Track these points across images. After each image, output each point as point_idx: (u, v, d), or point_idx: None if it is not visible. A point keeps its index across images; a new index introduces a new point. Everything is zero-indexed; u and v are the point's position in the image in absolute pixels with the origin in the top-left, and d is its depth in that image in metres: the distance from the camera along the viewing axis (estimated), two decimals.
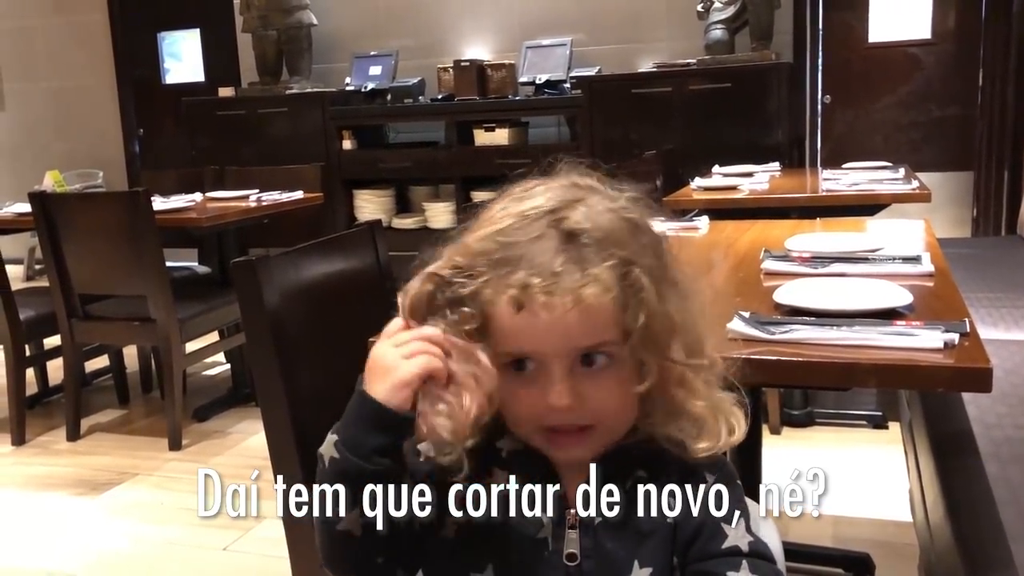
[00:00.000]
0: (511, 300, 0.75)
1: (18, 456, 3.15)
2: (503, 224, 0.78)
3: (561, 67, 5.04)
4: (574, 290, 0.74)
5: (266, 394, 1.26)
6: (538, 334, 0.76)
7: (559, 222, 0.78)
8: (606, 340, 0.77)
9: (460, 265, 0.78)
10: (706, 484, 0.81)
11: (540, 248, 0.76)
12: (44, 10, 6.63)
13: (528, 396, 0.78)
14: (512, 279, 0.76)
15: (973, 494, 1.38)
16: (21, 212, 3.48)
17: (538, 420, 0.79)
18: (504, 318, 0.76)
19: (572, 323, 0.75)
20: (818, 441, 2.88)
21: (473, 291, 0.77)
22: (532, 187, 0.82)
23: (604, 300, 0.75)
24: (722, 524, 0.79)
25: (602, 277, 0.75)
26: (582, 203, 0.79)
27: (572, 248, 0.76)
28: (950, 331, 1.11)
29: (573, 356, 0.77)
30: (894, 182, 2.86)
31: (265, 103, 5.46)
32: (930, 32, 5.29)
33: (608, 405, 0.79)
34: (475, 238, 0.79)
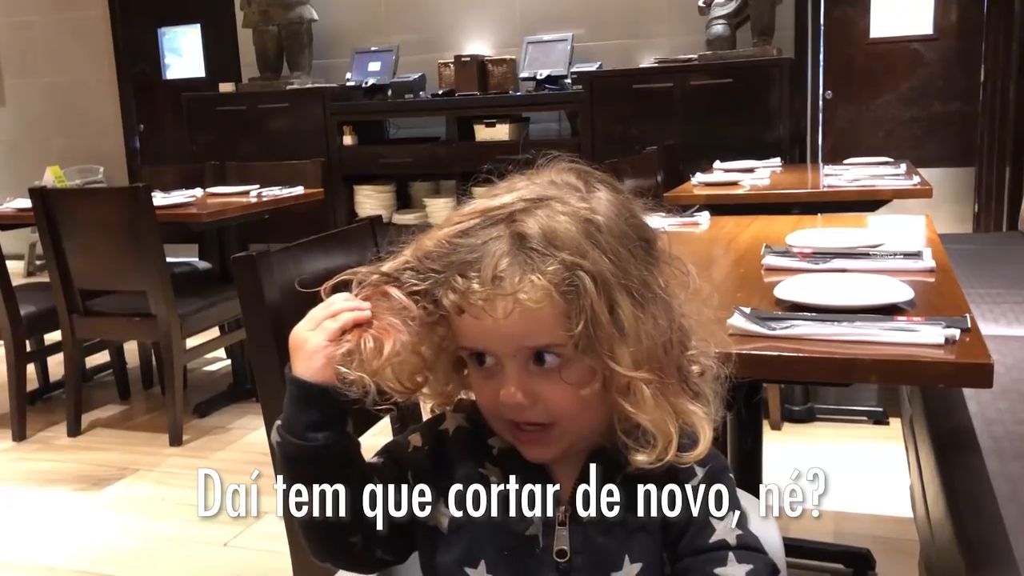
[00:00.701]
0: (452, 305, 0.76)
1: (19, 452, 3.16)
2: (465, 224, 0.78)
3: (562, 62, 5.04)
4: (510, 295, 0.74)
5: (267, 389, 1.26)
6: (484, 335, 0.77)
7: (513, 223, 0.77)
8: (553, 342, 0.77)
9: (411, 265, 0.79)
10: (696, 478, 0.81)
11: (489, 250, 0.76)
12: (44, 5, 6.62)
13: (489, 389, 0.79)
14: (455, 283, 0.76)
15: (974, 490, 1.38)
16: (21, 208, 3.48)
17: (500, 413, 0.80)
18: (454, 317, 0.78)
19: (514, 325, 0.75)
20: (819, 437, 2.88)
21: (423, 290, 0.78)
22: (511, 183, 0.83)
23: (542, 304, 0.75)
24: (710, 518, 0.79)
25: (539, 283, 0.74)
26: (547, 204, 0.78)
27: (520, 251, 0.76)
28: (951, 327, 1.10)
29: (523, 355, 0.77)
30: (895, 178, 2.85)
31: (266, 98, 5.46)
32: (932, 27, 5.28)
33: (562, 404, 0.78)
34: (433, 238, 0.79)
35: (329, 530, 0.81)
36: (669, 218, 2.17)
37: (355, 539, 0.82)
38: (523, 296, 0.74)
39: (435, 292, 0.77)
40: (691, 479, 0.81)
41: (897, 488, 2.40)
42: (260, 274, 1.25)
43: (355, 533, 0.82)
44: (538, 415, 0.78)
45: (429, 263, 0.78)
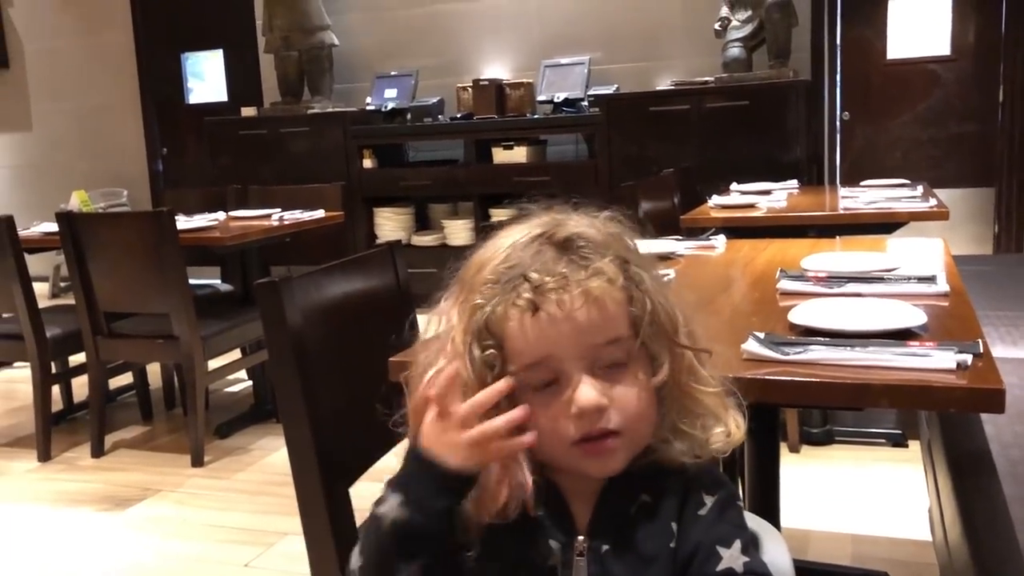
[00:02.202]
0: (527, 304, 0.78)
1: (44, 472, 3.20)
2: (497, 259, 0.82)
3: (579, 85, 5.08)
4: (582, 282, 0.78)
5: (288, 411, 1.29)
6: (554, 336, 0.78)
7: (551, 236, 0.82)
8: (619, 335, 0.80)
9: (473, 303, 0.82)
10: (704, 507, 0.82)
11: (540, 260, 0.81)
12: (71, 31, 6.74)
13: (554, 412, 0.80)
14: (522, 287, 0.79)
15: (990, 514, 1.38)
16: (48, 232, 3.54)
17: (567, 434, 0.80)
18: (519, 329, 0.79)
19: (585, 319, 0.78)
20: (837, 459, 2.87)
21: (488, 318, 0.80)
22: (509, 227, 0.86)
23: (611, 292, 0.79)
24: (717, 547, 0.80)
25: (605, 269, 0.80)
26: (566, 222, 0.84)
27: (570, 253, 0.81)
28: (963, 352, 1.11)
29: (591, 356, 0.79)
30: (912, 200, 2.86)
31: (287, 123, 5.53)
32: (949, 48, 5.29)
33: (631, 405, 0.80)
34: (474, 281, 0.83)
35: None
36: (685, 241, 2.20)
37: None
38: (593, 284, 0.78)
39: (495, 316, 0.79)
40: (700, 508, 0.82)
41: (916, 511, 2.40)
42: (282, 299, 1.28)
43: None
44: (609, 419, 0.79)
45: (487, 290, 0.81)
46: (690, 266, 1.96)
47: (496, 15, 5.54)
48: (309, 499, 1.28)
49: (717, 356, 1.21)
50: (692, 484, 0.83)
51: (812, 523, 2.44)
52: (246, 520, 2.68)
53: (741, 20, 4.68)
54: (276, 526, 2.57)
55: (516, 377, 0.80)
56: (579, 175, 4.90)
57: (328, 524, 1.27)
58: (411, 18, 5.72)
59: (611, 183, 4.55)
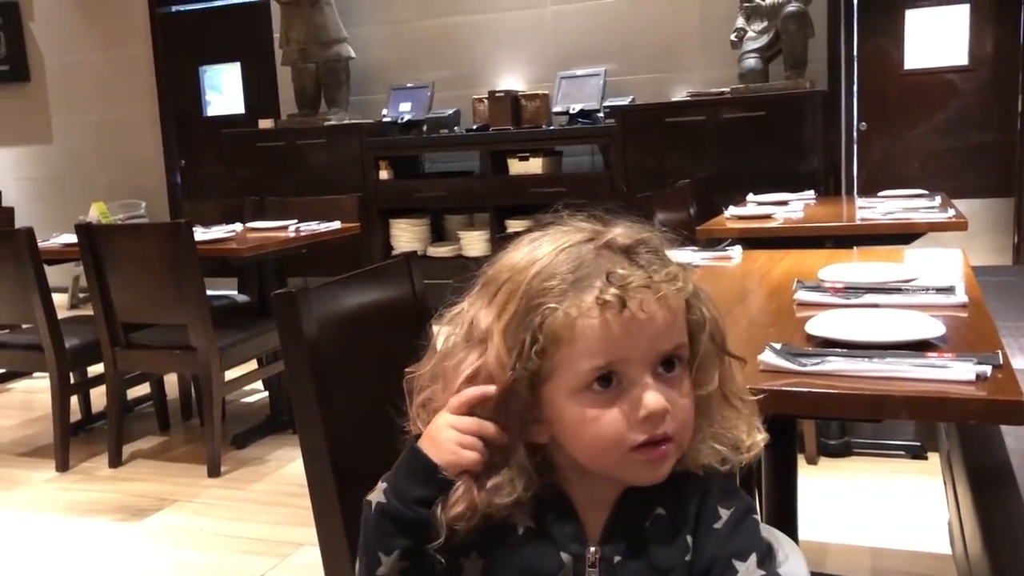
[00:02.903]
0: (615, 299, 0.76)
1: (62, 482, 3.22)
2: (544, 262, 0.79)
3: (595, 97, 5.08)
4: (661, 285, 0.78)
5: (304, 423, 1.29)
6: (629, 337, 0.77)
7: (608, 244, 0.80)
8: (682, 343, 0.80)
9: (534, 305, 0.79)
10: (720, 520, 0.81)
11: (607, 262, 0.79)
12: (91, 46, 6.82)
13: (614, 417, 0.79)
14: (602, 284, 0.77)
15: (1011, 526, 1.36)
16: (67, 243, 3.57)
17: (626, 438, 0.79)
18: (600, 328, 0.77)
19: (660, 323, 0.78)
20: (856, 471, 2.85)
21: (554, 321, 0.78)
22: (540, 236, 0.84)
23: (682, 299, 0.80)
24: (733, 560, 0.79)
25: (679, 274, 0.80)
26: (611, 229, 0.83)
27: (636, 257, 0.80)
28: (983, 363, 1.11)
29: (655, 362, 0.79)
30: (930, 211, 2.84)
31: (304, 134, 5.56)
32: (967, 58, 5.26)
33: (684, 412, 0.80)
34: (520, 280, 0.80)
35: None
36: (701, 252, 2.19)
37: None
38: (671, 289, 0.78)
39: (556, 320, 0.77)
40: (716, 521, 0.81)
41: (935, 524, 2.37)
42: (299, 310, 1.29)
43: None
44: (670, 426, 0.79)
45: (546, 295, 0.78)
46: (706, 277, 1.95)
47: (512, 27, 5.56)
48: (324, 510, 1.28)
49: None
50: (708, 497, 0.82)
51: (830, 536, 2.42)
52: (262, 531, 2.69)
53: (757, 31, 4.67)
54: (292, 537, 2.57)
55: (578, 378, 0.78)
56: (595, 186, 4.90)
57: (344, 535, 1.27)
58: (427, 30, 5.75)
59: (627, 194, 4.55)
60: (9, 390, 4.49)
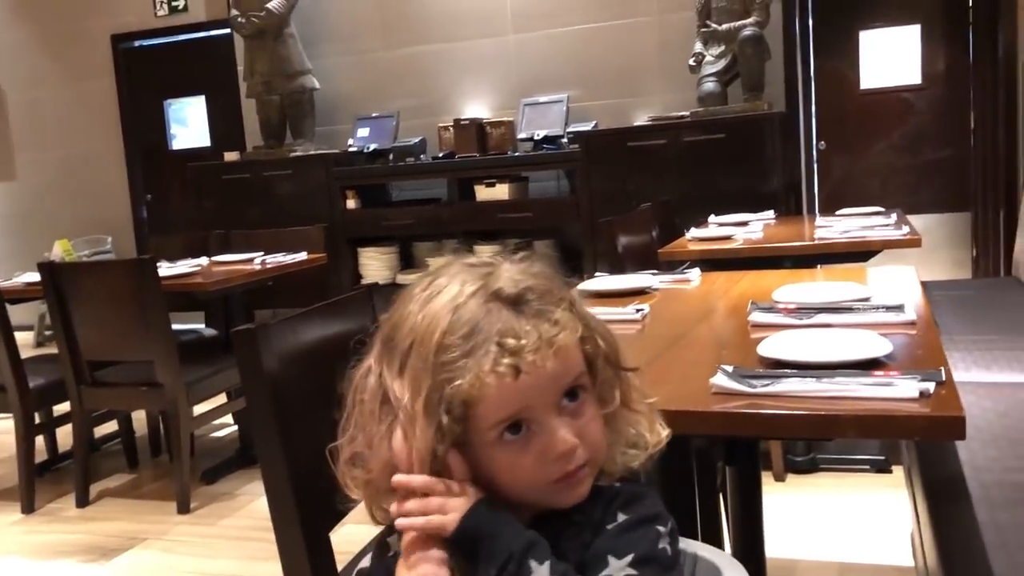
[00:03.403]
0: (508, 369, 0.79)
1: (28, 524, 3.18)
2: (444, 322, 0.81)
3: (558, 123, 5.14)
4: (553, 339, 0.80)
5: (266, 459, 1.30)
6: (529, 392, 0.80)
7: (496, 294, 0.82)
8: (579, 373, 0.84)
9: (439, 379, 0.81)
10: (615, 523, 0.84)
11: (496, 319, 0.81)
12: (54, 80, 6.79)
13: (531, 461, 0.82)
14: (495, 353, 0.79)
15: (964, 539, 1.40)
16: (30, 282, 3.55)
17: (545, 477, 0.82)
18: (497, 394, 0.79)
19: (556, 371, 0.81)
20: (822, 487, 2.88)
21: (460, 391, 0.80)
22: (429, 284, 0.86)
23: (573, 339, 0.83)
24: (608, 555, 0.81)
25: (565, 321, 0.82)
26: (496, 273, 0.85)
27: (525, 308, 0.82)
28: (926, 380, 1.13)
29: (557, 400, 0.82)
30: (885, 228, 2.90)
31: (270, 166, 5.57)
32: (920, 77, 5.39)
33: (594, 436, 0.84)
34: (427, 351, 0.81)
35: None
36: (660, 275, 2.22)
37: None
38: (560, 337, 0.81)
39: (462, 386, 0.79)
40: (612, 523, 0.84)
41: (900, 537, 2.41)
42: (259, 346, 1.30)
43: None
44: (582, 455, 0.83)
45: (449, 364, 0.80)
46: (665, 300, 1.99)
47: (475, 55, 5.61)
48: (289, 545, 1.29)
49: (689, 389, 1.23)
50: (613, 502, 0.85)
51: (799, 552, 2.45)
52: (233, 567, 2.67)
53: (715, 55, 4.75)
54: (263, 572, 2.56)
55: (489, 433, 0.81)
56: (561, 211, 4.95)
57: (309, 570, 1.28)
58: (391, 60, 5.80)
59: (591, 217, 4.59)
60: None
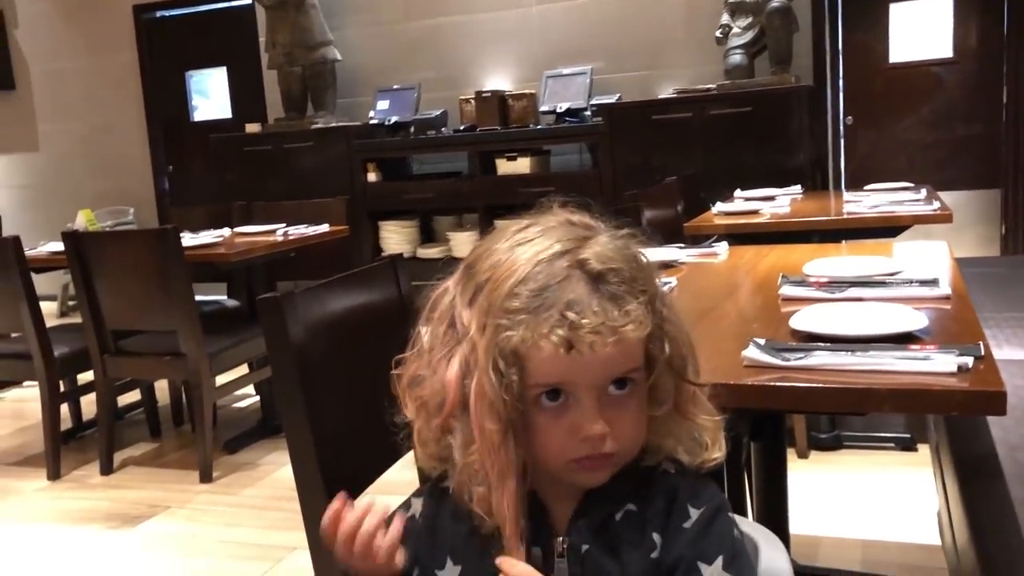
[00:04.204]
0: (561, 341, 0.77)
1: (53, 490, 3.21)
2: (522, 271, 0.80)
3: (582, 95, 5.09)
4: (617, 329, 0.78)
5: (292, 427, 1.29)
6: (578, 369, 0.79)
7: (582, 264, 0.80)
8: (635, 367, 0.81)
9: (498, 325, 0.80)
10: (689, 520, 0.82)
11: (571, 289, 0.79)
12: (76, 53, 6.79)
13: (559, 429, 0.80)
14: (556, 321, 0.78)
15: (997, 517, 1.37)
16: (54, 251, 3.56)
17: (566, 453, 0.81)
18: (548, 359, 0.78)
19: (610, 358, 0.79)
20: (846, 464, 2.86)
21: (514, 343, 0.79)
22: (526, 227, 0.84)
23: (639, 335, 0.79)
24: (699, 562, 0.80)
25: (639, 315, 0.79)
26: (592, 242, 0.82)
27: (603, 288, 0.79)
28: (964, 354, 1.11)
29: (603, 386, 0.80)
30: (915, 203, 2.85)
31: (291, 138, 5.55)
32: (952, 51, 5.29)
33: (630, 430, 0.82)
34: (498, 293, 0.80)
35: None
36: (688, 249, 2.20)
37: None
38: (628, 329, 0.78)
39: (520, 336, 0.78)
40: (686, 520, 0.82)
41: (925, 515, 2.39)
42: (284, 314, 1.29)
43: None
44: (610, 446, 0.80)
45: (514, 313, 0.79)
46: (692, 274, 1.96)
47: (497, 27, 5.56)
48: (314, 513, 1.28)
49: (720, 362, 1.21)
50: (679, 495, 0.83)
51: (822, 529, 2.43)
52: (255, 535, 2.68)
53: (742, 27, 4.68)
54: (285, 541, 2.57)
55: (530, 391, 0.80)
56: (583, 185, 4.91)
57: None
58: (412, 31, 5.75)
59: (615, 192, 4.56)
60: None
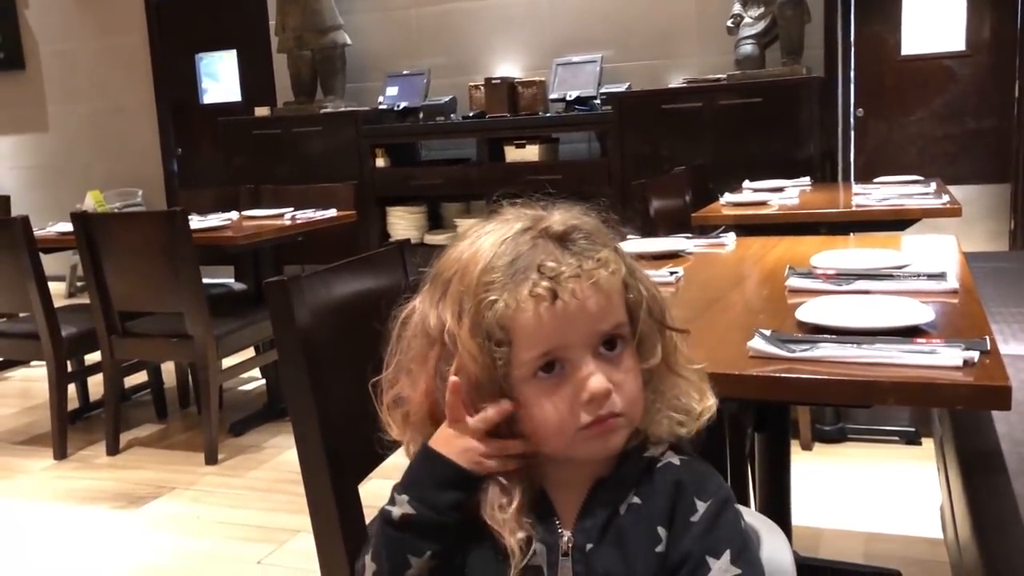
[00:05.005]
0: (546, 292, 0.78)
1: (60, 470, 3.23)
2: (487, 256, 0.81)
3: (591, 83, 5.07)
4: (592, 272, 0.80)
5: (297, 410, 1.30)
6: (568, 324, 0.79)
7: (545, 231, 0.82)
8: (620, 322, 0.82)
9: (479, 300, 0.81)
10: (696, 513, 0.81)
11: (542, 252, 0.81)
12: (86, 34, 6.79)
13: (561, 399, 0.80)
14: (535, 278, 0.79)
15: (1000, 512, 1.37)
16: (63, 232, 3.57)
17: (574, 421, 0.80)
18: (535, 319, 0.79)
19: (594, 308, 0.80)
20: (850, 457, 2.86)
21: (500, 313, 0.80)
22: (483, 224, 0.86)
23: (616, 281, 0.82)
24: (707, 556, 0.80)
25: (610, 259, 0.82)
26: (548, 216, 0.85)
27: (570, 244, 0.82)
28: (970, 348, 1.11)
29: (595, 343, 0.81)
30: (924, 197, 2.84)
31: (300, 122, 5.55)
32: (964, 44, 5.26)
33: (631, 387, 0.82)
34: (469, 280, 0.81)
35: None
36: (695, 239, 2.20)
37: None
38: (602, 273, 0.80)
39: (502, 310, 0.79)
40: (692, 514, 0.82)
41: (928, 509, 2.39)
42: (291, 298, 1.29)
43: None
44: (616, 403, 0.81)
45: (490, 287, 0.80)
46: (699, 264, 1.96)
47: (508, 13, 5.54)
48: (318, 497, 1.29)
49: (725, 352, 1.21)
50: (684, 487, 0.83)
51: (825, 521, 2.44)
52: (259, 517, 2.70)
53: (754, 17, 4.66)
54: (289, 523, 2.59)
55: (523, 367, 0.80)
56: (591, 173, 4.90)
57: (338, 522, 1.28)
58: (423, 17, 5.74)
59: (623, 181, 4.55)
60: (6, 379, 4.50)
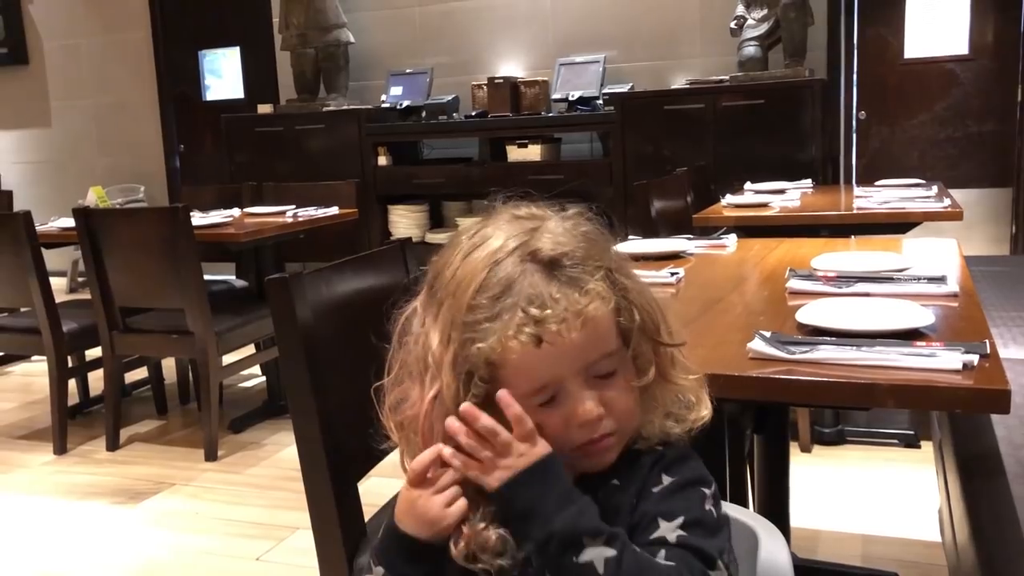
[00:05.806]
0: (530, 338, 0.79)
1: (59, 465, 3.23)
2: (479, 279, 0.81)
3: (594, 84, 5.08)
4: (581, 311, 0.80)
5: (298, 408, 1.30)
6: (554, 362, 0.80)
7: (534, 255, 0.82)
8: (610, 350, 0.83)
9: (464, 337, 0.81)
10: (660, 485, 0.83)
11: (528, 283, 0.80)
12: (90, 29, 6.80)
13: (555, 425, 0.82)
14: (519, 320, 0.79)
15: (998, 515, 1.38)
16: (65, 227, 3.58)
17: (569, 443, 0.82)
18: (521, 361, 0.80)
19: (582, 341, 0.80)
20: (849, 460, 2.86)
21: (484, 353, 0.80)
22: (479, 231, 0.86)
23: (606, 309, 0.81)
24: (659, 518, 0.81)
25: (598, 290, 0.81)
26: (541, 230, 0.84)
27: (559, 273, 0.81)
28: (970, 352, 1.11)
29: (586, 370, 0.82)
30: (926, 200, 2.84)
31: (303, 120, 5.55)
32: (967, 47, 5.25)
33: (622, 407, 0.83)
34: (459, 305, 0.82)
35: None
36: (696, 240, 2.20)
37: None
38: (591, 307, 0.80)
39: (489, 348, 0.79)
40: (656, 485, 0.83)
41: (927, 512, 2.39)
42: (293, 295, 1.29)
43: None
44: (608, 425, 0.82)
45: (478, 322, 0.80)
46: (700, 265, 1.96)
47: (511, 13, 5.54)
48: (318, 494, 1.29)
49: (725, 353, 1.22)
50: (657, 466, 0.84)
51: (823, 523, 2.44)
52: (258, 514, 2.70)
53: (757, 19, 4.66)
54: (288, 520, 2.59)
55: (519, 398, 0.81)
56: (594, 173, 4.90)
57: (337, 519, 1.28)
58: (426, 16, 5.74)
59: (625, 181, 4.55)
60: (7, 373, 4.50)
